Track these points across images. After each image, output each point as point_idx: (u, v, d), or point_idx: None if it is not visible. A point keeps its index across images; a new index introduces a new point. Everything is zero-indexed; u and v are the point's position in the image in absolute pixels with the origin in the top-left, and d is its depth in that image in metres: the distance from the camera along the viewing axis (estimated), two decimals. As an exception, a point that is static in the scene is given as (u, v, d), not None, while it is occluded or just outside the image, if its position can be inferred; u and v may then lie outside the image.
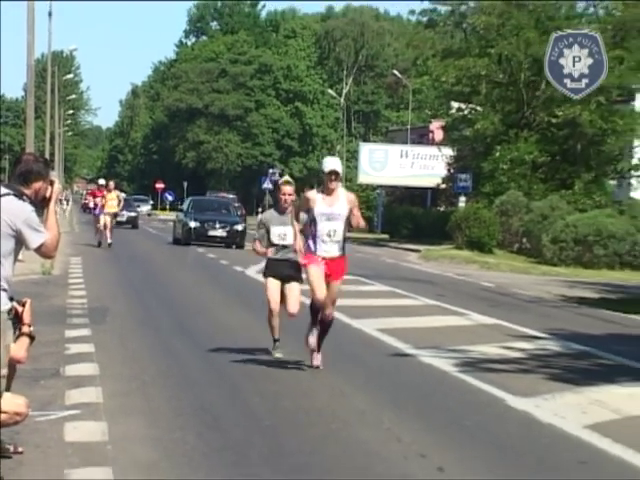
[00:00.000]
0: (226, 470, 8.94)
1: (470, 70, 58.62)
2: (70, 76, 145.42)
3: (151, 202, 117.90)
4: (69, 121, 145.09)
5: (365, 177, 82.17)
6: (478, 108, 61.03)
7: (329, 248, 13.92)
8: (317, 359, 14.36)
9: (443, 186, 70.36)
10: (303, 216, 14.14)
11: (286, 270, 14.78)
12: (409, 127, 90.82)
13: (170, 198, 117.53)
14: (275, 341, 15.23)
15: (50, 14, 73.73)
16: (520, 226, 54.12)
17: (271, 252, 14.76)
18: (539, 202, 53.38)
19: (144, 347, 16.41)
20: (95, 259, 35.63)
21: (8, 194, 8.38)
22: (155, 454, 9.37)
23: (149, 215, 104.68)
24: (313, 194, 13.88)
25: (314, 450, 9.79)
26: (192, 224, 47.62)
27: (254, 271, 32.51)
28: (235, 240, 47.61)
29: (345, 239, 14.19)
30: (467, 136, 61.86)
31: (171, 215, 75.54)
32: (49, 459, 8.98)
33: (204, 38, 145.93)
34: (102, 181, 49.30)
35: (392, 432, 10.78)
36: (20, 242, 8.34)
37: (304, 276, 14.69)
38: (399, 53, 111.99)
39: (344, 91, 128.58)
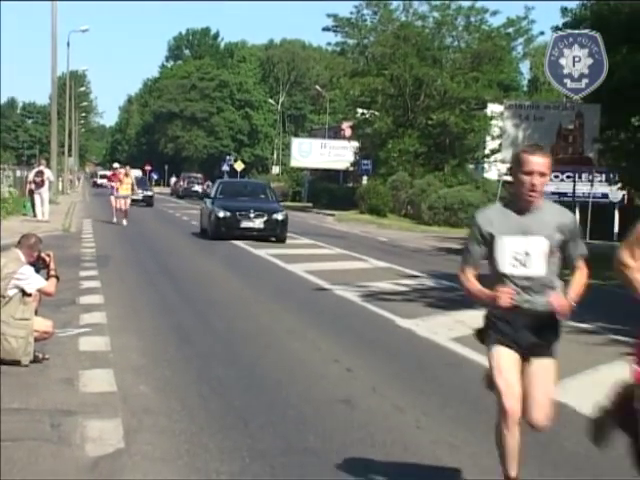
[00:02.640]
0: (195, 371, 8.95)
1: (370, 86, 58.53)
2: (83, 89, 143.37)
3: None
4: (82, 121, 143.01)
5: (296, 162, 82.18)
6: (376, 113, 60.97)
7: None
8: None
9: (351, 169, 70.41)
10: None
11: (532, 334, 5.46)
12: (327, 126, 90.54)
13: (155, 177, 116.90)
14: None
15: (68, 44, 73.13)
16: (406, 197, 54.29)
17: (507, 298, 5.29)
18: (419, 180, 53.58)
19: (137, 284, 16.33)
20: (102, 221, 35.29)
21: None
22: (144, 359, 9.35)
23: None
24: None
25: (259, 356, 9.80)
26: (221, 214, 28.20)
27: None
28: (275, 232, 28.30)
29: None
30: (368, 133, 61.79)
31: (156, 189, 73.70)
32: (68, 363, 8.95)
33: (179, 62, 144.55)
34: (116, 165, 38.76)
35: (314, 344, 10.80)
36: None
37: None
38: (320, 73, 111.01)
39: (280, 100, 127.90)
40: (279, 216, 28.34)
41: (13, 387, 7.90)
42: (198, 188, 79.26)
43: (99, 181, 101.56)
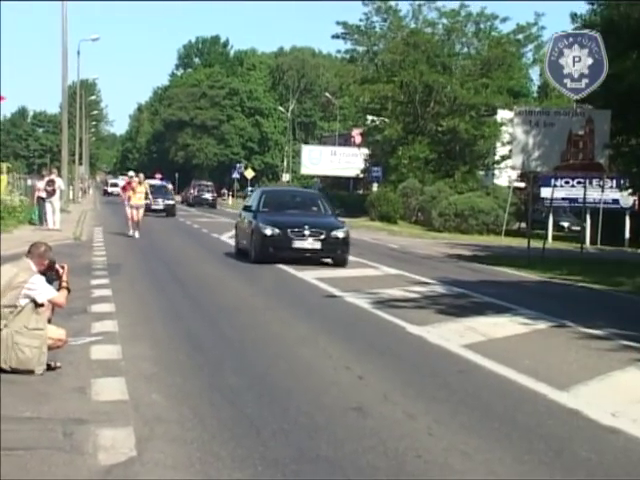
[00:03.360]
0: (207, 378, 8.94)
1: (380, 93, 58.64)
2: (93, 97, 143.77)
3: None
4: (93, 130, 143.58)
5: (306, 169, 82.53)
6: (386, 120, 61.04)
7: None
8: None
9: (361, 176, 70.57)
10: None
11: None
12: (337, 134, 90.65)
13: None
14: None
15: (79, 52, 73.15)
16: (416, 204, 54.34)
17: None
18: (430, 187, 53.63)
19: (148, 292, 16.33)
20: (112, 229, 35.29)
21: None
22: (156, 368, 9.35)
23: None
24: None
25: (270, 364, 9.79)
26: (268, 231, 22.34)
27: (226, 237, 32.32)
28: (335, 253, 22.83)
29: None
30: (378, 140, 61.87)
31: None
32: (80, 371, 8.96)
33: (189, 70, 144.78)
34: (131, 173, 36.35)
35: (325, 351, 10.79)
36: None
37: None
38: (329, 80, 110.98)
39: (290, 108, 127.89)
40: (340, 233, 22.90)
41: (25, 396, 7.92)
42: (208, 196, 79.51)
43: (110, 189, 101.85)
